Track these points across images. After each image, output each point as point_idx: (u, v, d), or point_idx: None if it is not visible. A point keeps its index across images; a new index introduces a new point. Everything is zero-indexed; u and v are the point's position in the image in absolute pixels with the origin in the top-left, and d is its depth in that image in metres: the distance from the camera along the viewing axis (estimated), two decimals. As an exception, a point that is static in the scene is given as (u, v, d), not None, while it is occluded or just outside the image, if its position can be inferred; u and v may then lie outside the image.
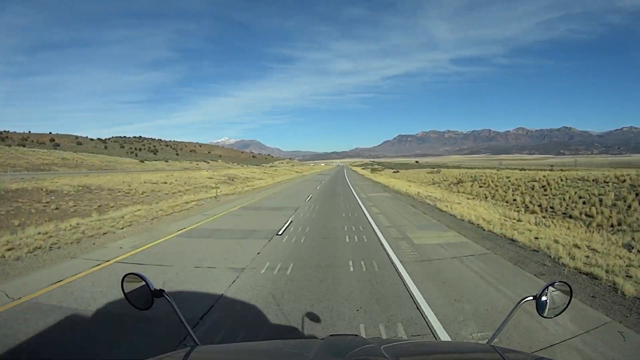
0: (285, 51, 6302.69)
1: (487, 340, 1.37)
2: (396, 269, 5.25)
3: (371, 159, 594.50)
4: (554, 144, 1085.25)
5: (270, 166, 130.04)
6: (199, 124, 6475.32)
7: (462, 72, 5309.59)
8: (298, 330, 3.33)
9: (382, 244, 6.95)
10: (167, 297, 1.31)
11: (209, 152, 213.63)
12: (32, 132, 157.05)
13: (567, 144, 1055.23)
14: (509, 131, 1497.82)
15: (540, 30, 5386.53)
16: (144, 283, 1.33)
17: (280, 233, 8.17)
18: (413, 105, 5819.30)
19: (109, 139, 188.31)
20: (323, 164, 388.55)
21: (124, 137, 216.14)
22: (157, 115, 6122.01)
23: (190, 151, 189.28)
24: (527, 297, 1.33)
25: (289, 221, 9.88)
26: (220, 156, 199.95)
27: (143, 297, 1.34)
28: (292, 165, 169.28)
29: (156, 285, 1.41)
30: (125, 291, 1.36)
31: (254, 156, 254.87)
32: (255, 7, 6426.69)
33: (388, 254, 6.15)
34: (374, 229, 8.62)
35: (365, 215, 11.16)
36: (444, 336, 3.17)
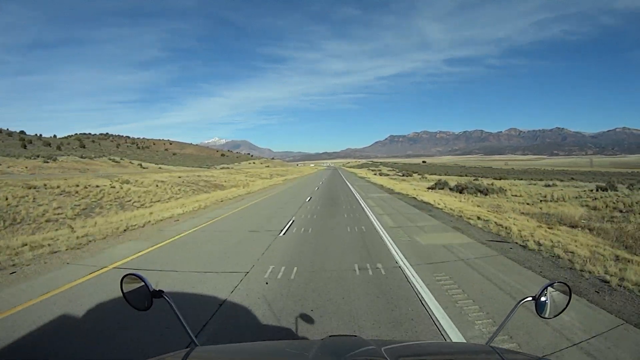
0: (277, 51, 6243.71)
1: (486, 341, 1.34)
2: None
3: (364, 160, 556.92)
4: (547, 144, 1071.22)
5: (222, 167, 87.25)
6: (190, 124, 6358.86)
7: (454, 72, 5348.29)
8: None
9: None
10: (167, 298, 1.28)
11: (166, 150, 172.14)
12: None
13: (560, 144, 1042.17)
14: (501, 132, 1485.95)
15: (533, 31, 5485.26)
16: (142, 283, 1.30)
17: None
18: (405, 105, 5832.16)
19: (71, 136, 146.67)
20: (312, 165, 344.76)
21: (89, 133, 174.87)
22: (149, 115, 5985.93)
23: (138, 147, 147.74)
24: (526, 298, 1.30)
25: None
26: (174, 154, 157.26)
27: (142, 298, 1.31)
28: (267, 166, 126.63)
29: None
30: (124, 291, 1.32)
31: (222, 155, 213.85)
32: (248, 6, 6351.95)
33: None
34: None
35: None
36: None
